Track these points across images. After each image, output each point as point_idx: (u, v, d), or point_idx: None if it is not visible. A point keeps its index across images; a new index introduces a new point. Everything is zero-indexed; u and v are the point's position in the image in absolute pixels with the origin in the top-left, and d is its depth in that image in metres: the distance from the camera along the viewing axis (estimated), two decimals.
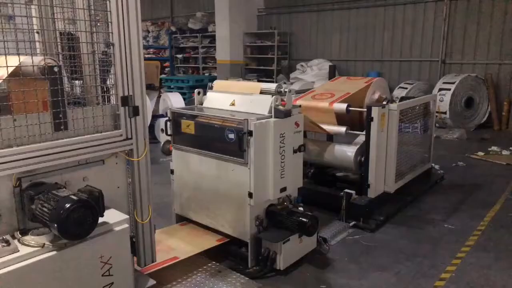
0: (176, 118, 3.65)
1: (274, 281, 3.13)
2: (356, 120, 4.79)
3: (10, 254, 1.75)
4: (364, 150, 4.24)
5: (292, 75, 11.02)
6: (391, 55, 10.28)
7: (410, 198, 4.69)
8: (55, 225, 1.71)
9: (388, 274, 3.23)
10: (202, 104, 3.80)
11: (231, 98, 3.60)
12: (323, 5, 11.34)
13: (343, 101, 4.44)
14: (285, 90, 3.33)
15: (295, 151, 3.37)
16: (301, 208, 3.36)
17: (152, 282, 2.52)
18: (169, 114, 3.70)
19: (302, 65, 10.99)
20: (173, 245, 3.29)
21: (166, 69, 14.35)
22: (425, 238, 3.86)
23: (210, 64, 13.59)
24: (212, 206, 3.48)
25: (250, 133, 3.06)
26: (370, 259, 3.47)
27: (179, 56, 14.34)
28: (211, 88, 3.86)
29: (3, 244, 1.78)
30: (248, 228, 3.21)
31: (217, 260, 3.33)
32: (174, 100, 8.28)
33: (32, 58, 1.99)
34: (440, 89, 8.74)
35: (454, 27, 9.42)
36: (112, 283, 2.06)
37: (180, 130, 3.61)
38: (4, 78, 2.00)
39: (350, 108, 4.38)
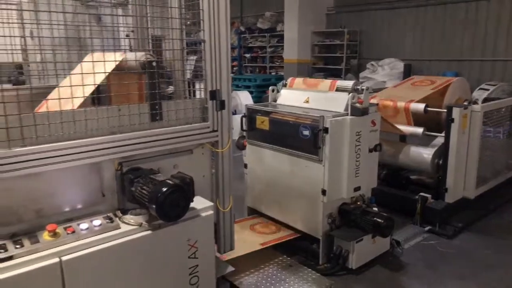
0: (251, 114, 3.76)
1: (346, 279, 3.11)
2: (433, 121, 4.58)
3: (113, 230, 1.95)
4: (442, 152, 4.05)
5: (361, 74, 10.75)
6: (471, 54, 9.62)
7: (493, 205, 4.39)
8: (154, 206, 1.87)
9: (469, 284, 3.06)
10: (275, 101, 3.87)
11: (305, 95, 3.63)
12: (396, 3, 10.91)
13: (421, 101, 4.28)
14: (362, 87, 3.29)
15: (370, 150, 3.32)
16: (375, 209, 3.31)
17: (231, 268, 2.64)
18: (244, 110, 3.83)
19: (372, 64, 10.67)
20: (246, 236, 3.40)
21: (234, 68, 14.72)
22: (509, 248, 3.60)
23: (277, 63, 13.69)
24: (284, 201, 3.53)
25: (325, 130, 3.07)
26: (448, 267, 3.31)
27: (247, 55, 14.63)
28: (285, 85, 3.92)
29: (107, 220, 1.97)
30: (320, 225, 3.23)
31: (287, 254, 3.38)
32: (243, 98, 8.52)
33: (135, 54, 2.19)
34: None
35: None
36: (197, 265, 2.19)
37: (254, 126, 3.72)
38: (110, 72, 2.22)
39: (428, 109, 4.21)
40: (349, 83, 3.38)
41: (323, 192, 3.14)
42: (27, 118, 1.81)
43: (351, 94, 3.20)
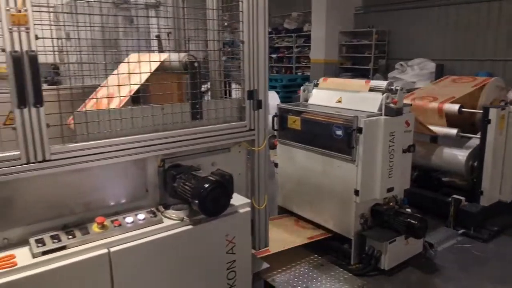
0: (282, 114, 3.80)
1: (378, 280, 3.10)
2: (466, 122, 4.48)
3: (156, 224, 2.02)
4: (477, 154, 3.96)
5: (390, 75, 10.59)
6: (507, 53, 9.33)
7: None
8: (196, 201, 1.93)
9: None
10: (307, 101, 3.89)
11: (337, 95, 3.63)
12: (426, 1, 10.70)
13: (455, 102, 4.21)
14: (396, 87, 3.27)
15: (404, 151, 3.30)
16: (408, 210, 3.28)
17: (266, 265, 2.69)
18: (272, 110, 3.86)
19: (401, 64, 10.50)
20: (277, 235, 3.43)
21: None
22: None
23: (303, 63, 13.67)
24: (315, 201, 3.55)
25: (359, 130, 3.07)
26: (484, 270, 3.25)
27: (273, 56, 14.66)
28: (316, 85, 3.93)
29: (151, 215, 2.05)
30: (352, 225, 3.23)
31: (318, 254, 3.39)
32: (271, 98, 8.53)
33: (179, 55, 2.26)
34: None
35: None
36: (234, 260, 2.24)
37: (285, 126, 3.75)
38: (153, 71, 2.30)
39: (463, 109, 4.14)
40: (382, 83, 3.36)
41: (356, 192, 3.14)
42: (78, 116, 1.91)
43: (385, 94, 3.19)
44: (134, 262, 1.93)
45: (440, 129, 4.23)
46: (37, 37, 1.69)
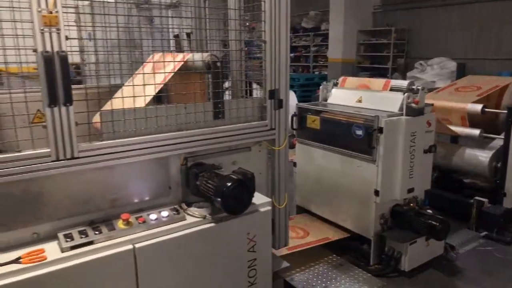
0: (301, 113, 3.79)
1: (397, 281, 3.08)
2: (489, 123, 4.40)
3: (179, 222, 2.06)
4: (500, 155, 3.89)
5: (409, 74, 10.44)
6: None
7: None
8: (219, 199, 1.95)
9: None
10: (326, 101, 3.88)
11: (357, 95, 3.61)
12: None
13: (478, 101, 4.14)
14: (418, 87, 3.24)
15: (425, 152, 3.26)
16: (429, 211, 3.24)
17: (286, 264, 2.70)
18: (295, 110, 3.86)
19: (421, 64, 10.34)
20: (296, 234, 3.44)
21: None
22: None
23: (320, 62, 13.59)
24: (334, 201, 3.54)
25: (380, 130, 3.04)
26: (506, 273, 3.19)
27: (291, 55, 14.62)
28: (336, 84, 3.92)
29: (174, 212, 2.09)
30: (372, 225, 3.21)
31: (336, 254, 3.38)
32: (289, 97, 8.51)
33: (202, 54, 2.29)
34: None
35: None
36: (255, 259, 2.26)
37: (304, 125, 3.75)
38: (176, 71, 2.34)
39: (486, 109, 4.06)
40: (403, 83, 3.34)
41: (376, 192, 3.12)
42: (104, 114, 1.95)
43: (406, 94, 3.16)
44: (158, 258, 1.97)
45: (462, 130, 4.16)
46: (67, 38, 1.73)
